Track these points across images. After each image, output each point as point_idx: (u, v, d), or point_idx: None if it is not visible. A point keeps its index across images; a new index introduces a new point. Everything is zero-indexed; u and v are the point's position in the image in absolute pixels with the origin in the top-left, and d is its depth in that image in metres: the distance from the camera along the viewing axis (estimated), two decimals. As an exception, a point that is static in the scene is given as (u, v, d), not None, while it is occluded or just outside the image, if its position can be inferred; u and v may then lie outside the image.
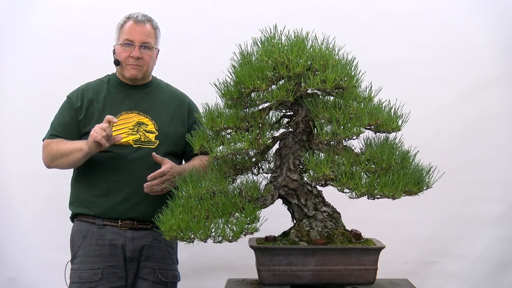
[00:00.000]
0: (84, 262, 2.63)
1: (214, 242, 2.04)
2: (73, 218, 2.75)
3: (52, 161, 2.66)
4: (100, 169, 2.63)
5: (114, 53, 2.73)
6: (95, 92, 2.72)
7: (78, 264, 2.64)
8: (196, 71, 3.44)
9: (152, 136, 2.69)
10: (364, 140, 2.19)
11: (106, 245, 2.63)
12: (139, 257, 2.68)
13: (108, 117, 2.49)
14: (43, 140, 2.72)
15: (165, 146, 2.70)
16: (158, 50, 2.78)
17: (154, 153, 2.59)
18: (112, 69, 2.81)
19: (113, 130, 2.52)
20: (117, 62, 2.69)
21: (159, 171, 2.56)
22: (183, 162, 2.84)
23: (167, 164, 2.58)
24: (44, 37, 3.53)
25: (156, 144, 2.68)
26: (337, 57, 2.15)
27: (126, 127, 2.66)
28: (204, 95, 2.26)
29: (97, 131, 2.45)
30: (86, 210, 2.66)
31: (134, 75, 2.68)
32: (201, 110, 2.27)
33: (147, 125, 2.70)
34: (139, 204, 2.64)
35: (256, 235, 2.08)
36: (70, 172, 2.77)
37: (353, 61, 2.16)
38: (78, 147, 2.55)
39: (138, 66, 2.68)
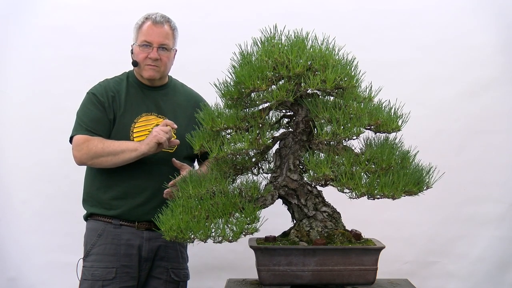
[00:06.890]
0: (98, 260, 2.62)
1: (214, 242, 2.04)
2: (87, 216, 2.72)
3: (92, 159, 2.57)
4: (118, 171, 2.60)
5: (132, 53, 2.71)
6: (116, 90, 2.69)
7: (92, 262, 2.63)
8: (196, 71, 3.43)
9: None
10: (364, 140, 2.19)
11: (122, 244, 2.62)
12: (154, 257, 2.69)
13: (167, 121, 2.52)
14: (72, 136, 2.63)
15: (183, 149, 2.66)
16: (176, 50, 2.76)
17: (174, 159, 2.59)
18: (111, 69, 2.81)
19: (134, 132, 2.53)
20: (135, 63, 2.67)
21: (180, 177, 2.52)
22: (196, 163, 2.84)
23: (187, 170, 2.55)
24: (44, 37, 3.53)
25: (175, 148, 2.67)
26: (337, 57, 2.15)
27: (147, 129, 2.63)
28: (204, 95, 2.26)
29: (160, 133, 2.45)
30: (103, 211, 2.65)
31: (152, 75, 2.67)
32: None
33: None
34: (157, 207, 2.61)
35: (256, 235, 2.08)
36: (71, 172, 2.76)
37: (353, 61, 2.16)
38: (132, 147, 2.52)
39: (156, 67, 2.66)
